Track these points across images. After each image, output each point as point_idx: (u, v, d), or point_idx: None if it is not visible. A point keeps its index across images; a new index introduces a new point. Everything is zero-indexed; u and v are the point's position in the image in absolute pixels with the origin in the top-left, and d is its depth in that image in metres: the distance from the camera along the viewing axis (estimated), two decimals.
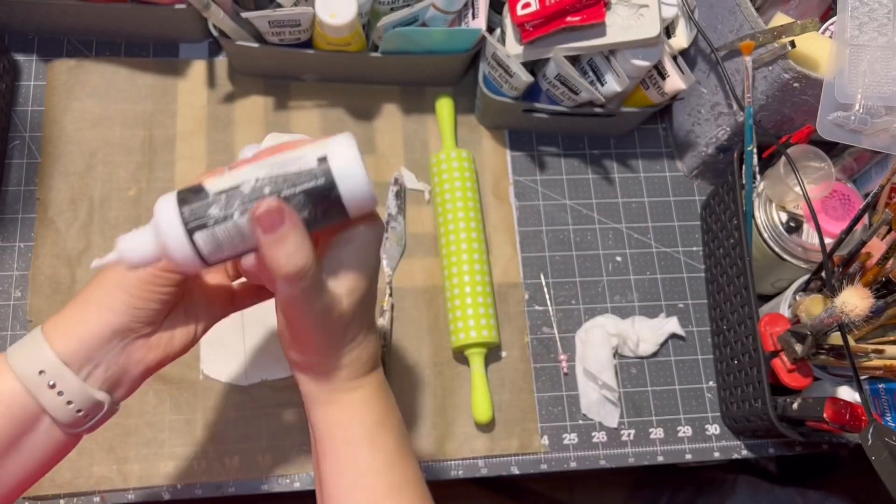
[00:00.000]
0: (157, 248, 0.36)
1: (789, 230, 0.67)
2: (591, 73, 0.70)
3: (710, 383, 0.74)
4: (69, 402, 0.39)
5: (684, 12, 0.71)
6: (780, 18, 0.66)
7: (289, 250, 0.35)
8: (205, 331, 0.46)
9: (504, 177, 0.78)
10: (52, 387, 0.38)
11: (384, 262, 0.73)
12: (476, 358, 0.69)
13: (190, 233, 0.35)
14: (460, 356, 0.71)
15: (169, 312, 0.43)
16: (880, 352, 0.59)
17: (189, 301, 0.45)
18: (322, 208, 0.36)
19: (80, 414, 0.40)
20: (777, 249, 0.67)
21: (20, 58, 0.74)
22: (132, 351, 0.41)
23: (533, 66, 0.71)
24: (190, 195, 0.36)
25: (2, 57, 0.71)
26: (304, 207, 0.35)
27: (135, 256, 0.37)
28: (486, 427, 0.69)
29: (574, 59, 0.69)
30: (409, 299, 0.72)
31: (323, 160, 0.35)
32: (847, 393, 0.65)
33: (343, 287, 0.39)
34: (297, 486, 0.65)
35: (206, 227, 0.35)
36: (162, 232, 0.36)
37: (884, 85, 0.61)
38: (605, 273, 0.76)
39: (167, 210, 0.36)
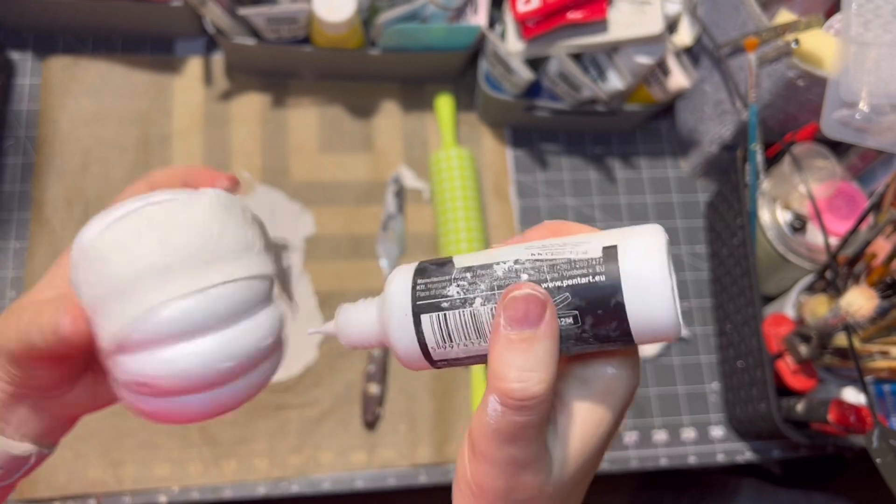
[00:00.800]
0: (380, 328, 0.30)
1: (794, 230, 0.66)
2: (593, 71, 0.69)
3: (714, 385, 0.73)
4: None
5: (688, 9, 0.70)
6: (784, 15, 0.66)
7: (528, 362, 0.25)
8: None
9: (505, 175, 0.77)
10: None
11: (384, 263, 0.72)
12: None
13: (416, 313, 0.28)
14: None
15: (86, 371, 0.36)
16: (886, 353, 0.59)
17: None
18: (593, 318, 0.26)
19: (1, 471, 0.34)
20: (781, 249, 0.66)
21: (15, 56, 0.74)
22: (48, 406, 0.35)
23: (534, 64, 0.70)
24: (432, 267, 0.29)
25: None
26: (567, 311, 0.26)
27: (353, 334, 0.30)
28: None
29: (576, 57, 0.68)
30: None
31: (611, 251, 0.25)
32: (852, 395, 0.64)
33: (573, 446, 0.27)
34: (294, 489, 0.65)
35: (439, 308, 0.28)
36: (386, 305, 0.29)
37: (889, 83, 0.60)
38: None
39: (398, 281, 0.29)
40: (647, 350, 0.72)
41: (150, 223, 0.31)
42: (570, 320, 0.26)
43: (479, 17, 0.69)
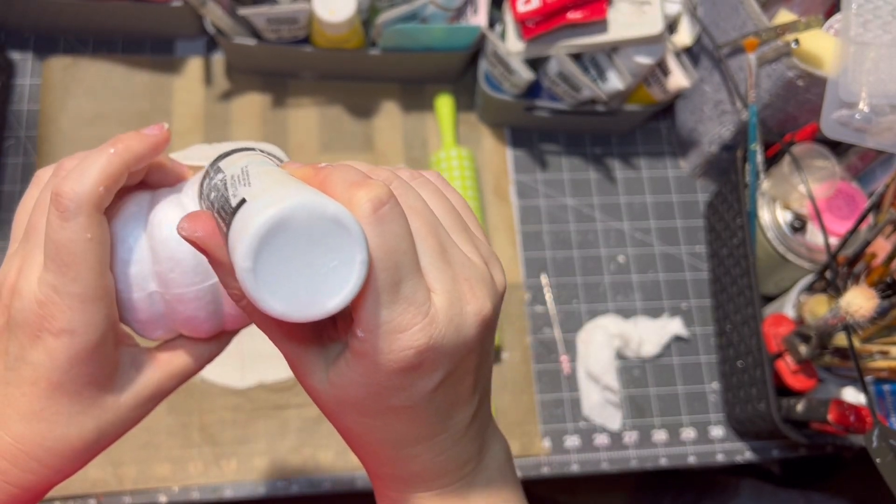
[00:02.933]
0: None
1: (793, 230, 0.66)
2: (592, 71, 0.70)
3: (714, 385, 0.73)
4: None
5: (687, 9, 0.70)
6: (783, 16, 0.66)
7: (222, 275, 0.27)
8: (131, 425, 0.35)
9: (505, 175, 0.77)
10: None
11: None
12: None
13: (199, 194, 0.30)
14: None
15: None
16: (885, 353, 0.59)
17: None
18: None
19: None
20: (781, 249, 0.67)
21: (16, 56, 0.74)
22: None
23: (534, 64, 0.70)
24: (228, 153, 0.30)
25: None
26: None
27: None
28: None
29: (576, 57, 0.69)
30: None
31: (238, 208, 0.24)
32: (852, 394, 0.64)
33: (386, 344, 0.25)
34: (294, 489, 0.65)
35: (200, 195, 0.30)
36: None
37: (888, 83, 0.60)
38: (606, 273, 0.75)
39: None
40: (647, 350, 0.72)
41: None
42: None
43: (479, 18, 0.69)
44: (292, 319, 0.23)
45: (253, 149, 0.31)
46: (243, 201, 0.24)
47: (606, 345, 0.71)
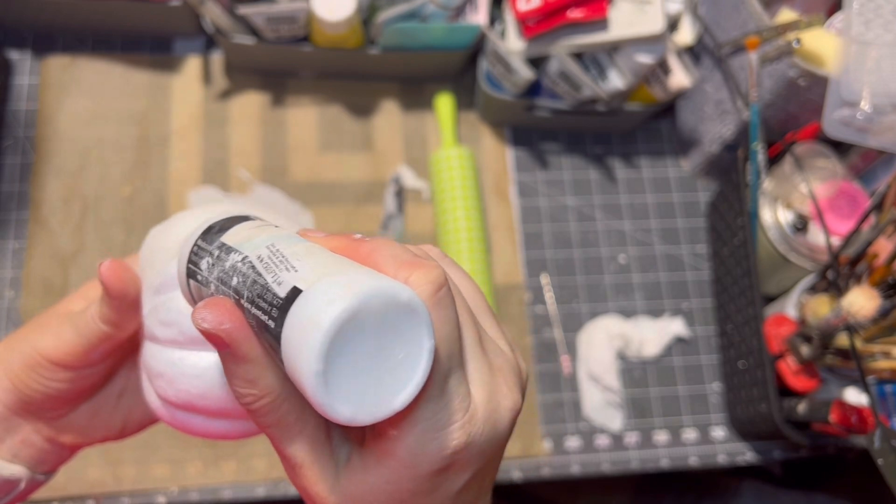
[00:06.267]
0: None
1: (795, 229, 0.66)
2: (593, 70, 0.69)
3: (715, 385, 0.73)
4: None
5: (689, 8, 0.70)
6: (785, 14, 0.65)
7: (236, 379, 0.23)
8: (141, 427, 0.37)
9: (505, 175, 0.77)
10: None
11: None
12: None
13: (187, 275, 0.26)
14: None
15: (91, 395, 0.35)
16: (888, 353, 0.59)
17: (129, 387, 0.37)
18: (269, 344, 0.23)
19: None
20: (783, 249, 0.66)
21: (14, 55, 0.73)
22: (45, 431, 0.34)
23: (535, 63, 0.70)
24: (216, 226, 0.26)
25: None
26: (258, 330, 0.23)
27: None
28: None
29: (577, 56, 0.68)
30: None
31: (291, 298, 0.21)
32: (854, 395, 0.64)
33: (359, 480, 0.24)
34: (293, 490, 0.64)
35: (195, 279, 0.26)
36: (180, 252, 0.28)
37: (890, 83, 0.60)
38: (607, 273, 0.75)
39: (191, 233, 0.27)
40: (648, 350, 0.72)
41: (219, 207, 0.31)
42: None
43: (479, 16, 0.69)
44: (357, 424, 0.20)
45: (247, 217, 0.27)
46: (296, 290, 0.20)
47: (607, 345, 0.71)
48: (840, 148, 0.68)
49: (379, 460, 0.23)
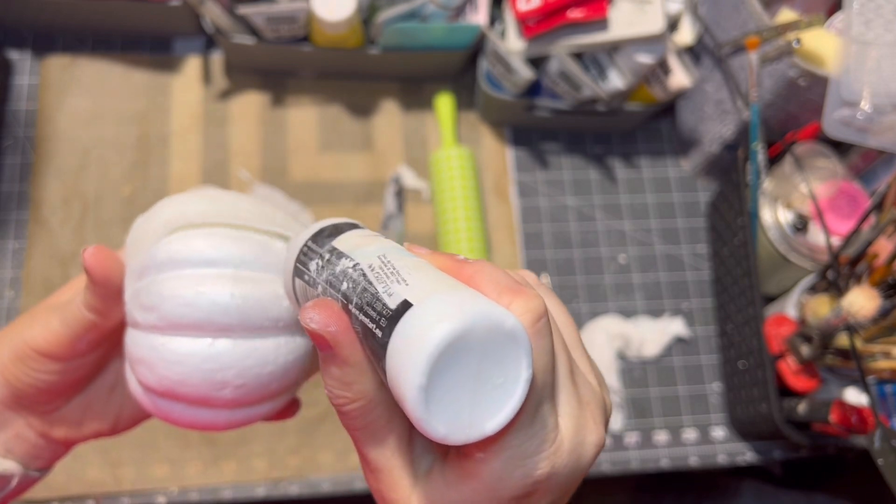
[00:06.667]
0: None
1: (795, 229, 0.66)
2: (593, 70, 0.69)
3: (715, 385, 0.73)
4: None
5: (689, 8, 0.70)
6: (785, 14, 0.65)
7: (332, 379, 0.24)
8: (134, 422, 0.37)
9: (505, 175, 0.77)
10: None
11: None
12: None
13: (293, 274, 0.27)
14: None
15: (82, 388, 0.35)
16: (888, 353, 0.59)
17: (120, 380, 0.37)
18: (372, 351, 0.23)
19: None
20: (783, 249, 0.66)
21: (14, 55, 0.73)
22: (33, 423, 0.34)
23: (535, 63, 0.70)
24: (325, 231, 0.27)
25: None
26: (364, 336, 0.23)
27: (285, 264, 0.29)
28: None
29: (577, 56, 0.68)
30: None
31: (401, 310, 0.21)
32: (854, 395, 0.64)
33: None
34: (293, 490, 0.64)
35: (301, 278, 0.27)
36: (287, 251, 0.29)
37: (891, 82, 0.60)
38: (607, 273, 0.75)
39: (304, 233, 0.28)
40: (648, 350, 0.72)
41: (201, 192, 0.31)
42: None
43: (479, 16, 0.69)
44: (448, 442, 0.21)
45: (356, 224, 0.28)
46: (406, 304, 0.21)
47: (607, 345, 0.71)
48: (840, 148, 0.68)
49: (461, 479, 0.23)
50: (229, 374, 0.28)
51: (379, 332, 0.21)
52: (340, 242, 0.26)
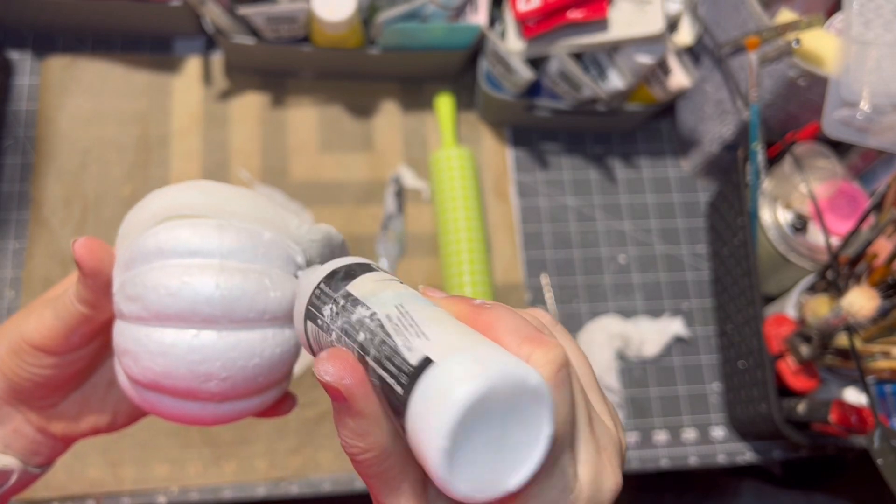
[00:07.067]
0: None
1: (795, 230, 0.66)
2: (593, 70, 0.69)
3: (715, 385, 0.73)
4: None
5: (688, 8, 0.70)
6: (785, 14, 0.65)
7: (345, 431, 0.23)
8: (131, 419, 0.37)
9: (505, 175, 0.77)
10: None
11: (384, 263, 0.72)
12: None
13: (305, 317, 0.27)
14: None
15: (80, 383, 0.35)
16: (887, 353, 0.59)
17: (113, 383, 0.37)
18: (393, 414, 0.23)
19: None
20: (782, 249, 0.66)
21: (14, 55, 0.73)
22: (32, 419, 0.34)
23: (535, 63, 0.70)
24: (339, 274, 0.27)
25: None
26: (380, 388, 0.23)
27: (296, 300, 0.29)
28: None
29: (576, 56, 0.68)
30: None
31: (422, 368, 0.21)
32: (853, 395, 0.64)
33: None
34: (294, 490, 0.65)
35: (315, 322, 0.26)
36: (298, 291, 0.28)
37: (890, 83, 0.60)
38: (607, 273, 0.75)
39: (314, 273, 0.27)
40: (648, 350, 0.72)
41: (191, 182, 0.31)
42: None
43: (479, 17, 0.69)
44: (471, 501, 0.20)
45: (370, 265, 0.27)
46: (428, 360, 0.21)
47: (607, 345, 0.71)
48: (840, 148, 0.68)
49: None
50: (214, 367, 0.28)
51: (399, 389, 0.21)
52: (355, 287, 0.25)
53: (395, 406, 0.22)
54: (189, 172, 0.72)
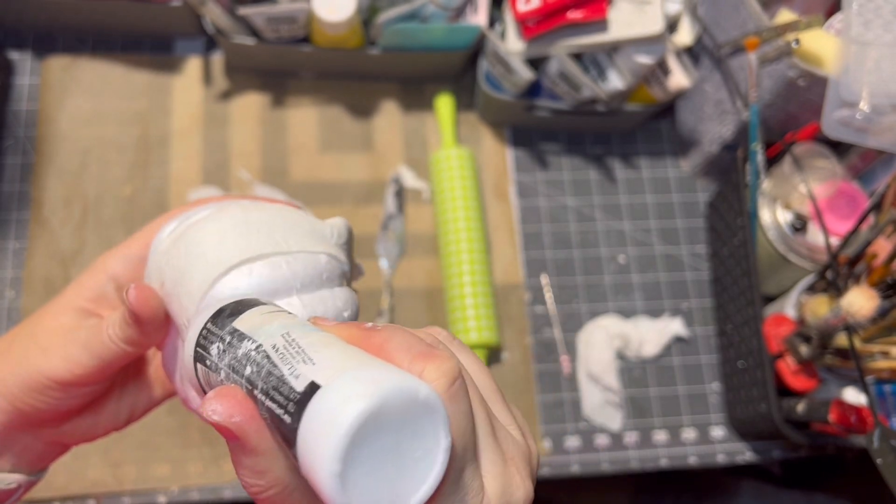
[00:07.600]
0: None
1: (794, 230, 0.66)
2: (593, 70, 0.69)
3: (715, 385, 0.73)
4: None
5: (688, 8, 0.70)
6: (784, 15, 0.65)
7: (243, 469, 0.23)
8: (144, 412, 0.38)
9: (505, 175, 0.77)
10: None
11: (384, 263, 0.72)
12: None
13: (195, 358, 0.26)
14: None
15: (103, 401, 0.36)
16: (886, 353, 0.59)
17: (129, 380, 0.37)
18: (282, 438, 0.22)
19: None
20: (782, 249, 0.66)
21: (15, 55, 0.73)
22: (42, 434, 0.34)
23: (534, 63, 0.70)
24: (227, 310, 0.26)
25: None
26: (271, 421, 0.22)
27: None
28: None
29: (576, 56, 0.68)
30: (409, 300, 0.71)
31: (308, 394, 0.20)
32: (853, 395, 0.64)
33: None
34: None
35: (203, 363, 0.25)
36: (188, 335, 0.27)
37: (890, 83, 0.60)
38: (607, 273, 0.75)
39: (202, 315, 0.26)
40: (648, 350, 0.72)
41: (229, 214, 0.30)
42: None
43: (479, 17, 0.69)
44: None
45: (257, 301, 0.27)
46: (314, 386, 0.20)
47: (607, 345, 0.71)
48: (839, 148, 0.68)
49: None
50: None
51: (287, 418, 0.20)
52: (242, 322, 0.24)
53: (287, 437, 0.21)
54: (189, 172, 0.72)
